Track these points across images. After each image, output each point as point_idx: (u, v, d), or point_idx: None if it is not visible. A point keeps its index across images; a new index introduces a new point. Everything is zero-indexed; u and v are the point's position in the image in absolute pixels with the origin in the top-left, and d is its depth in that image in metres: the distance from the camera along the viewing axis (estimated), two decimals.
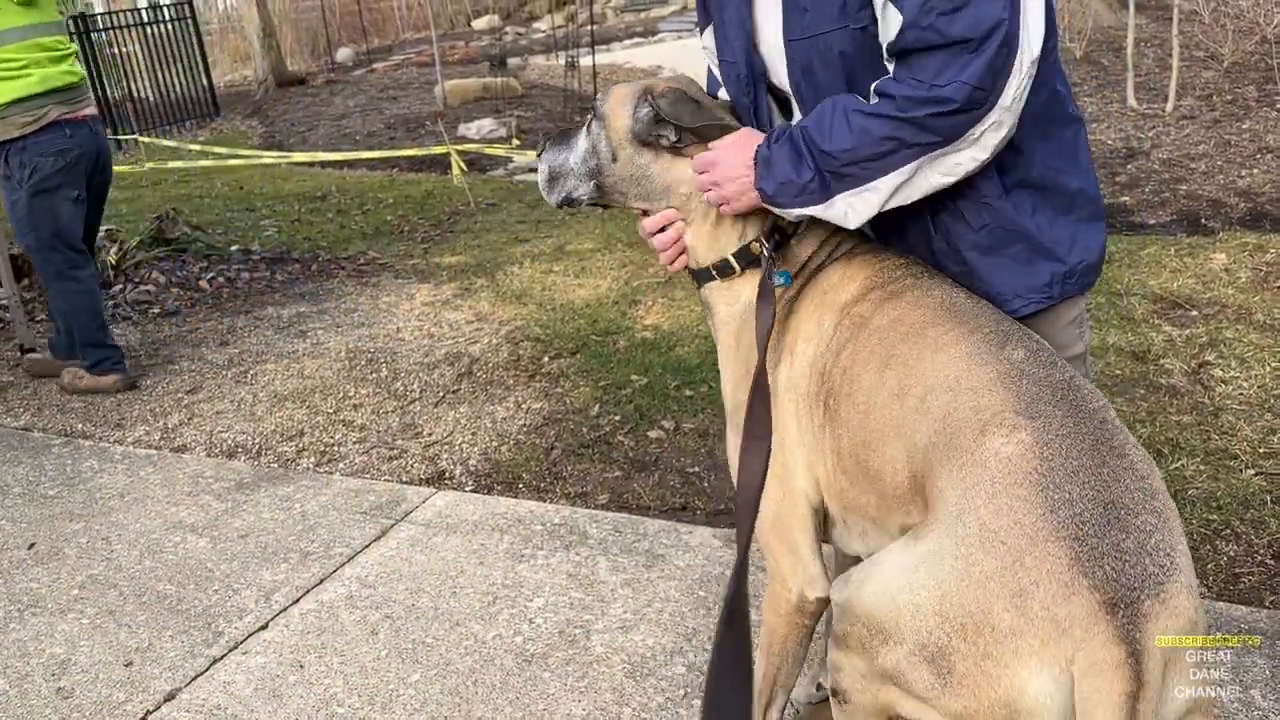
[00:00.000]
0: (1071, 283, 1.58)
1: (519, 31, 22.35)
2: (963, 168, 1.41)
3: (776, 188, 1.51)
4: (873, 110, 1.40)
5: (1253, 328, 3.78)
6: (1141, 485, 1.22)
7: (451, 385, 4.08)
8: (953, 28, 1.32)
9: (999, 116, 1.37)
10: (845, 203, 1.47)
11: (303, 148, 10.76)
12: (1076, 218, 1.57)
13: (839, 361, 1.54)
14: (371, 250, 6.32)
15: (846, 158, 1.43)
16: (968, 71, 1.32)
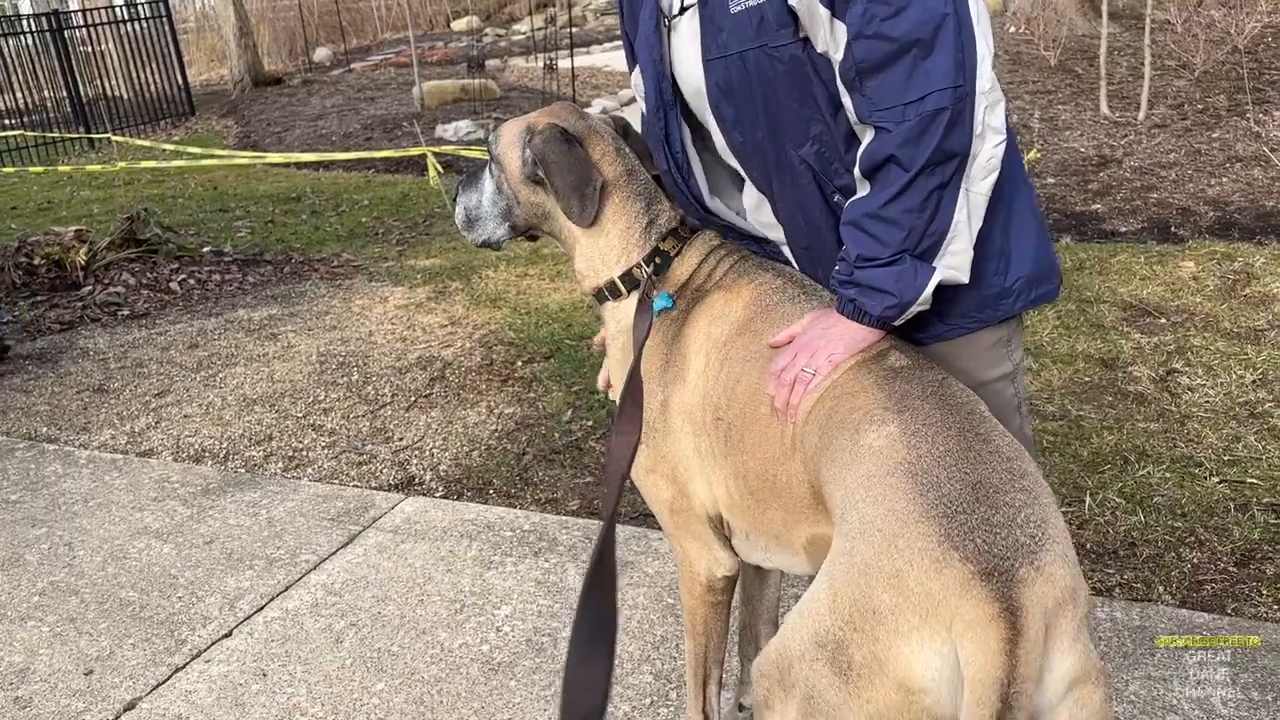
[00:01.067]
0: (1007, 304, 1.55)
1: (498, 33, 22.30)
2: (996, 158, 1.39)
3: (885, 300, 1.42)
4: (894, 190, 1.36)
5: (1220, 335, 3.82)
6: (1008, 466, 1.26)
7: (423, 389, 4.06)
8: (897, 29, 1.30)
9: (986, 100, 1.35)
10: (946, 264, 1.42)
11: (278, 148, 10.69)
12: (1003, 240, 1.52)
13: (735, 397, 1.58)
14: (345, 252, 6.28)
15: (917, 237, 1.38)
16: (938, 74, 1.30)
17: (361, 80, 16.00)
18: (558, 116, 1.79)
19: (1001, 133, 1.38)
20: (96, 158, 11.28)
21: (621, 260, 1.74)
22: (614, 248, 1.75)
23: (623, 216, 1.75)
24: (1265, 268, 4.40)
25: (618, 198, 1.75)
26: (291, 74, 17.34)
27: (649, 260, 1.72)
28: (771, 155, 1.53)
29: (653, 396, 1.69)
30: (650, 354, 1.70)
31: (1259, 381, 3.42)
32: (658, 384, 1.70)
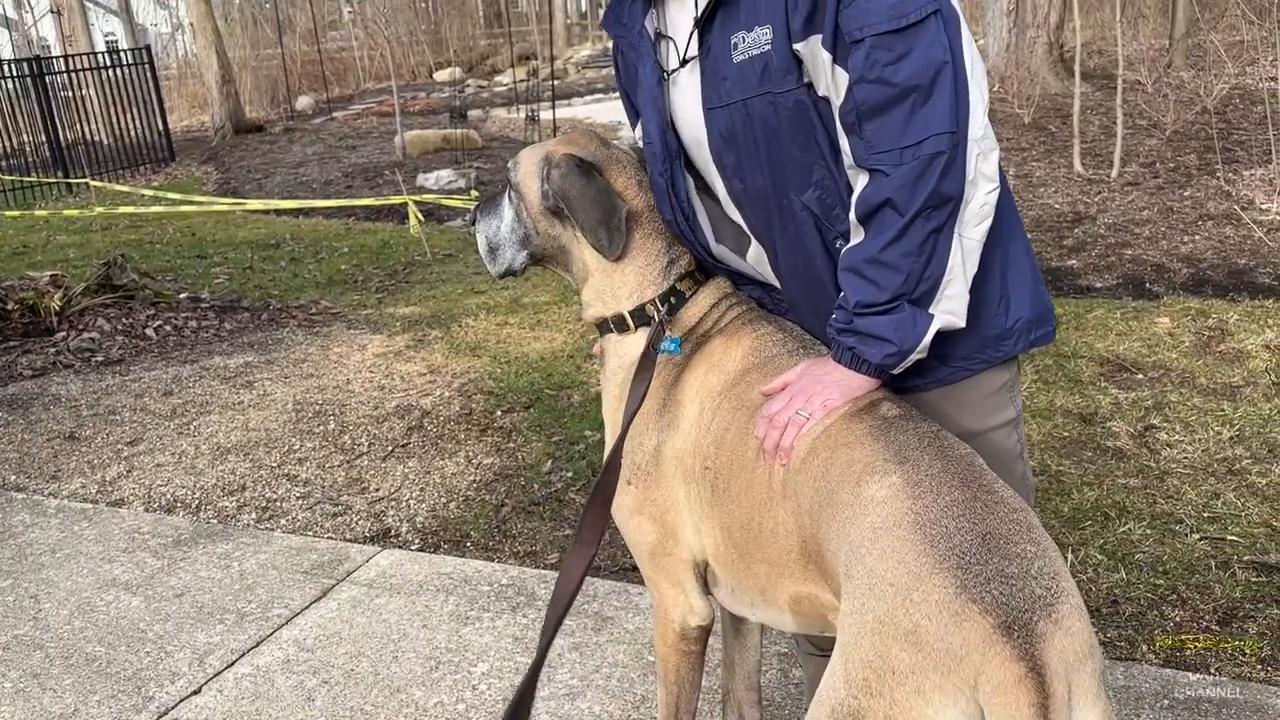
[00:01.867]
0: (1008, 345, 1.56)
1: (481, 85, 22.52)
2: (989, 205, 1.41)
3: (885, 348, 1.42)
4: (891, 234, 1.37)
5: (1196, 391, 3.84)
6: (1015, 517, 1.24)
7: (401, 439, 4.02)
8: (899, 75, 1.33)
9: (979, 147, 1.37)
10: (943, 310, 1.43)
11: (258, 195, 10.69)
12: (1001, 283, 1.54)
13: (724, 445, 1.58)
14: (324, 300, 6.26)
15: (914, 282, 1.39)
16: (935, 120, 1.33)
17: (343, 129, 16.08)
18: (576, 145, 1.76)
19: (994, 180, 1.40)
20: (74, 202, 11.23)
21: (635, 296, 1.72)
22: (629, 282, 1.72)
23: (643, 252, 1.72)
24: (1239, 324, 4.46)
25: (639, 233, 1.72)
26: (273, 121, 17.42)
27: (664, 299, 1.70)
28: (773, 203, 1.54)
29: (645, 439, 1.68)
30: (648, 397, 1.69)
31: (1236, 438, 3.44)
32: (653, 428, 1.68)
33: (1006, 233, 1.53)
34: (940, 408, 1.56)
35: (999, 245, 1.50)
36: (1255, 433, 3.47)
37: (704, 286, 1.74)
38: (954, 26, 1.36)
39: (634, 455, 1.70)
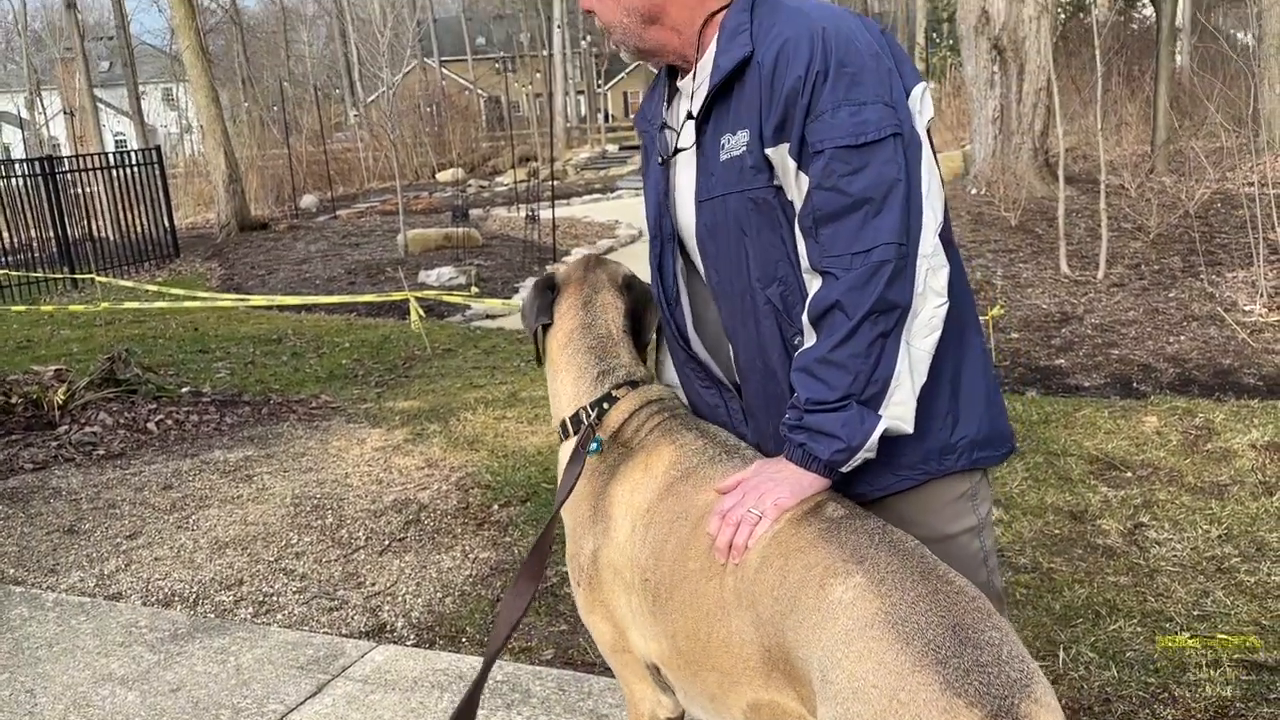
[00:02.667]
0: (951, 460, 1.59)
1: (482, 185, 23.02)
2: (937, 319, 1.48)
3: (834, 444, 1.47)
4: (840, 335, 1.45)
5: (1184, 490, 3.90)
6: (975, 605, 1.29)
7: (398, 533, 4.05)
8: (854, 186, 1.43)
9: (929, 263, 1.46)
10: (890, 414, 1.48)
11: (262, 291, 10.86)
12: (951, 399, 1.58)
13: (663, 558, 1.61)
14: (324, 394, 6.33)
15: (862, 383, 1.46)
16: (885, 230, 1.42)
17: (347, 226, 16.39)
18: (564, 267, 2.02)
19: (943, 296, 1.48)
20: (80, 297, 11.40)
21: (571, 403, 1.86)
22: (567, 391, 1.88)
23: (573, 365, 1.88)
24: (1225, 424, 4.53)
25: (571, 347, 1.89)
26: (278, 219, 17.76)
27: (595, 405, 1.81)
28: (741, 295, 1.63)
29: (584, 543, 1.76)
30: (580, 500, 1.78)
31: (1224, 537, 3.48)
32: (588, 533, 1.76)
33: (961, 351, 1.59)
34: (896, 512, 1.60)
35: (951, 361, 1.57)
36: (1243, 531, 3.51)
37: (633, 391, 1.81)
38: (915, 151, 1.47)
39: (577, 558, 1.78)
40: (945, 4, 35.74)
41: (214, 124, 16.37)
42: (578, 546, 1.78)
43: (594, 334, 1.89)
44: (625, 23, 1.64)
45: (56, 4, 29.33)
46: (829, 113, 1.45)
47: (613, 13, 1.65)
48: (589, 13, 1.71)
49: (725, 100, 1.58)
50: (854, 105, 1.45)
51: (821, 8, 1.54)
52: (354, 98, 38.16)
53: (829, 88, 1.45)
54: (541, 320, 1.92)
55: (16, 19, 40.53)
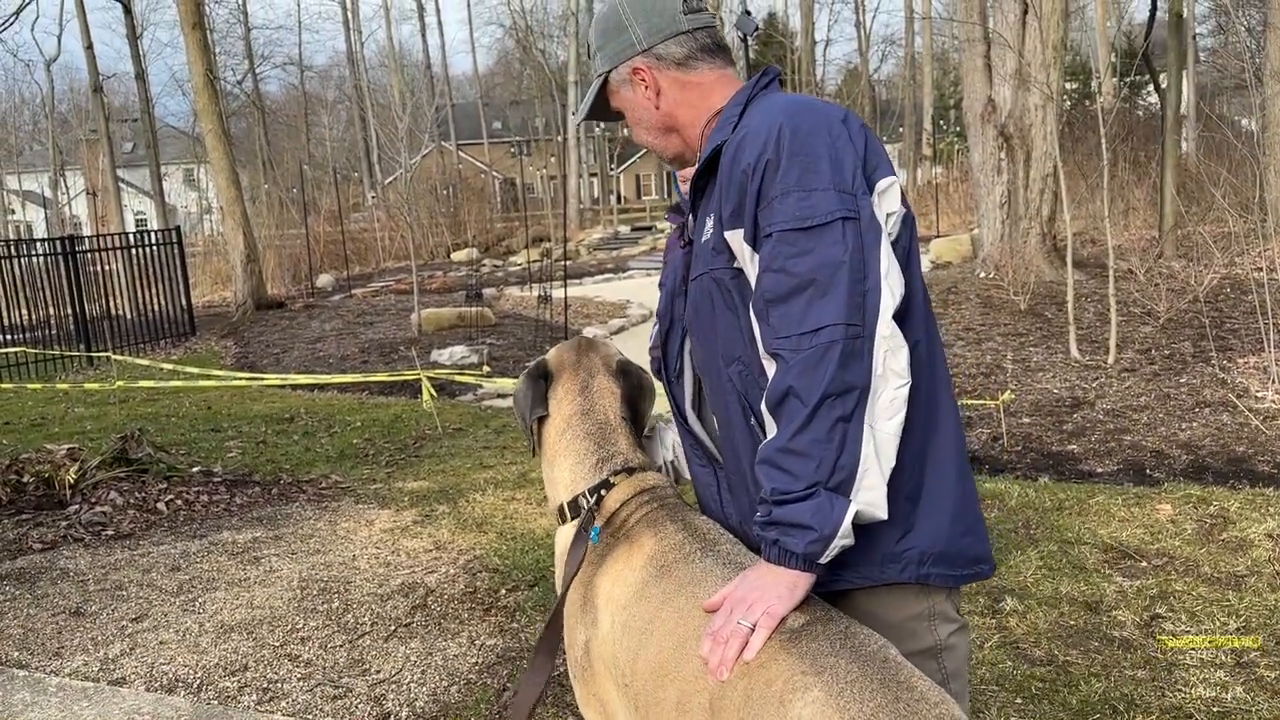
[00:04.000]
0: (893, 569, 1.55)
1: (495, 264, 23.30)
2: (898, 400, 1.47)
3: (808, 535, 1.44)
4: (799, 423, 1.43)
5: (1201, 581, 3.85)
6: (937, 713, 1.26)
7: (404, 618, 4.01)
8: (799, 267, 1.46)
9: (886, 344, 1.45)
10: (861, 499, 1.45)
11: (276, 369, 10.94)
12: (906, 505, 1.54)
13: (637, 669, 1.58)
14: (334, 474, 6.33)
15: (827, 469, 1.43)
16: (831, 311, 1.43)
17: (361, 305, 16.57)
18: (555, 351, 2.03)
19: (904, 377, 1.46)
20: (95, 375, 11.49)
21: (569, 489, 1.88)
22: (564, 479, 1.90)
23: (571, 451, 1.89)
24: (1240, 513, 4.49)
25: (569, 434, 1.91)
26: (294, 298, 17.97)
27: (594, 491, 1.83)
28: (716, 373, 1.66)
29: (577, 633, 1.75)
30: (573, 590, 1.78)
31: (1243, 629, 3.42)
32: (579, 624, 1.75)
33: (924, 456, 1.56)
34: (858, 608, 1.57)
35: (911, 465, 1.54)
36: (1262, 624, 3.45)
37: (629, 478, 1.83)
38: (871, 235, 1.48)
39: (573, 649, 1.78)
40: (952, 92, 36.48)
41: (233, 205, 16.68)
42: (572, 637, 1.78)
43: (592, 420, 1.91)
44: (651, 139, 1.81)
45: (83, 87, 30.18)
46: (778, 199, 1.49)
47: (641, 135, 1.83)
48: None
49: (710, 185, 1.67)
50: (803, 191, 1.48)
51: (798, 102, 1.60)
52: (372, 179, 38.89)
53: (780, 175, 1.50)
54: (538, 413, 1.94)
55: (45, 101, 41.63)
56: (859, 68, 40.75)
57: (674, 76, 1.74)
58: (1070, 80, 26.43)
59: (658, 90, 1.75)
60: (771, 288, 1.48)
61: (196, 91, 16.69)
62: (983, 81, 12.84)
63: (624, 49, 1.75)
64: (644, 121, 1.78)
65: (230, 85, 38.00)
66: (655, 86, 1.74)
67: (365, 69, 46.56)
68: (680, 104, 1.75)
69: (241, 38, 42.89)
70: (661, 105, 1.75)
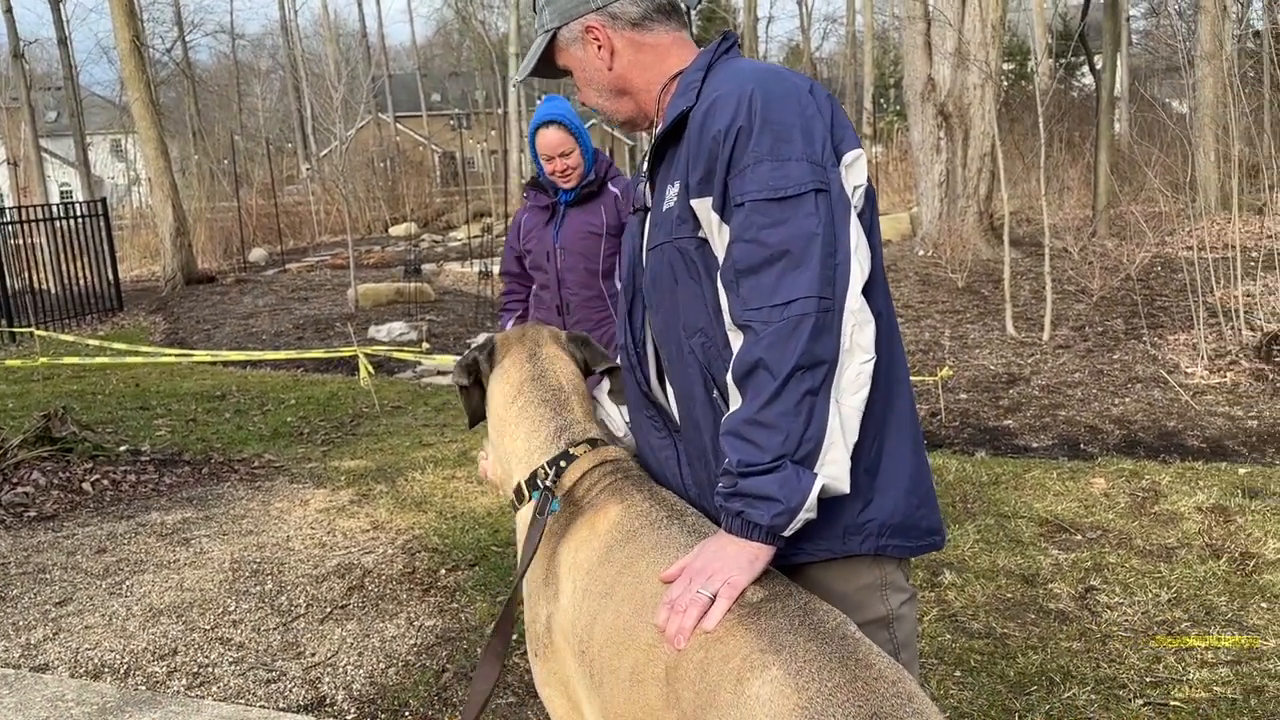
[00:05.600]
0: (855, 541, 1.54)
1: (435, 240, 22.97)
2: (863, 375, 1.45)
3: (773, 507, 1.41)
4: (767, 394, 1.41)
5: (1134, 553, 3.92)
6: (895, 690, 1.26)
7: (340, 600, 3.93)
8: (772, 238, 1.42)
9: (855, 318, 1.43)
10: (827, 472, 1.43)
11: (206, 346, 10.66)
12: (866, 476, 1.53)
13: (593, 634, 1.55)
14: (268, 453, 6.19)
15: (794, 442, 1.41)
16: (804, 284, 1.40)
17: (296, 280, 16.23)
18: (507, 333, 2.00)
19: (869, 352, 1.45)
20: (17, 351, 11.10)
21: (525, 464, 1.79)
22: (518, 449, 1.81)
23: (525, 419, 1.81)
24: (1171, 486, 4.58)
25: (521, 400, 1.83)
26: (225, 273, 17.55)
27: (553, 463, 1.74)
28: (676, 344, 1.63)
29: (539, 609, 1.70)
30: (535, 565, 1.72)
31: (1174, 600, 3.49)
32: (541, 598, 1.70)
33: (884, 427, 1.55)
34: (812, 583, 1.55)
35: (872, 435, 1.53)
36: (1192, 595, 3.53)
37: (591, 450, 1.75)
38: (842, 209, 1.46)
39: (534, 626, 1.72)
40: (892, 71, 36.77)
41: (162, 176, 16.20)
42: (534, 614, 1.72)
43: (545, 386, 1.83)
44: (601, 102, 1.74)
45: (2, 52, 29.03)
46: (750, 167, 1.46)
47: (590, 96, 1.74)
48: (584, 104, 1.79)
49: (672, 152, 1.62)
50: (777, 161, 1.45)
51: (766, 70, 1.56)
52: (307, 151, 38.09)
53: (752, 143, 1.46)
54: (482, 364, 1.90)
55: None
56: (801, 45, 40.86)
57: (629, 37, 1.68)
58: (1007, 60, 26.78)
59: (612, 50, 1.68)
60: (743, 258, 1.45)
61: (122, 59, 16.13)
62: (923, 60, 12.92)
63: (576, 5, 1.67)
64: (595, 83, 1.72)
65: (159, 53, 36.86)
66: (609, 46, 1.68)
67: (300, 38, 45.48)
68: (635, 66, 1.69)
69: (170, 4, 41.64)
70: (615, 66, 1.69)
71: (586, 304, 3.59)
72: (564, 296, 3.62)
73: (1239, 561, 3.77)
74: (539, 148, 3.52)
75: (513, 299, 3.89)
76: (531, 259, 3.71)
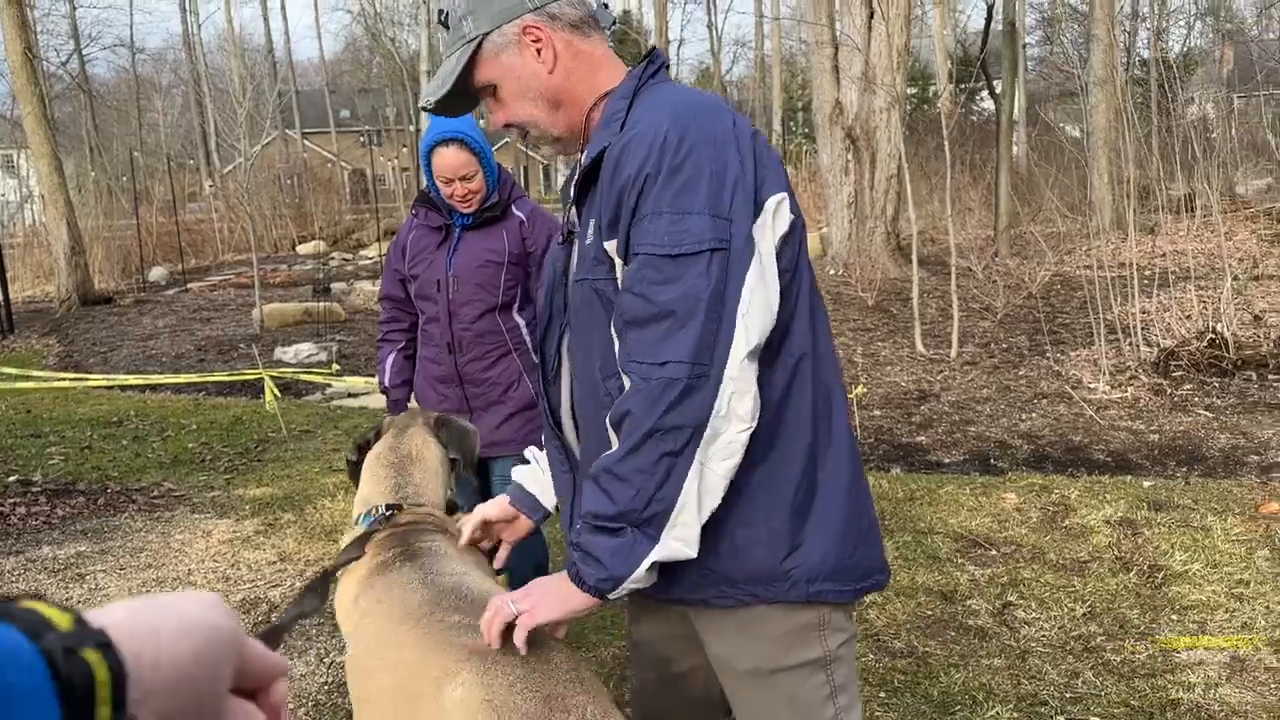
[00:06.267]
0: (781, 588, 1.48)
1: (345, 258, 22.53)
2: (736, 444, 1.39)
3: (599, 571, 1.41)
4: (627, 448, 1.38)
5: (1047, 567, 3.98)
6: (569, 676, 1.48)
7: None
8: (660, 296, 1.38)
9: (734, 386, 1.37)
10: (673, 536, 1.39)
11: (103, 369, 10.22)
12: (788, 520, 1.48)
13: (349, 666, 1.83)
14: (168, 481, 5.93)
15: (644, 499, 1.37)
16: (682, 348, 1.36)
17: (198, 300, 15.74)
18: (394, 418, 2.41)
19: (746, 421, 1.39)
20: None
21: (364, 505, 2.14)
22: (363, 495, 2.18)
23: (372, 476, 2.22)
24: (1080, 500, 4.69)
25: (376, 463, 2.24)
26: (124, 293, 16.92)
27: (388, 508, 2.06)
28: (591, 381, 1.56)
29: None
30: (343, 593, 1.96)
31: (1089, 614, 3.55)
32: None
33: (814, 467, 1.49)
34: (722, 628, 1.52)
35: (801, 478, 1.48)
36: (1106, 609, 3.59)
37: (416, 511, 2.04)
38: (739, 267, 1.39)
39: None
40: (800, 94, 37.44)
41: (56, 193, 15.54)
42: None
43: (396, 454, 2.23)
44: (535, 114, 1.58)
45: None
46: (649, 217, 1.40)
47: (523, 109, 1.58)
48: (506, 126, 1.62)
49: (594, 187, 1.54)
50: (677, 214, 1.39)
51: (687, 105, 1.47)
52: (210, 168, 37.09)
53: (656, 191, 1.40)
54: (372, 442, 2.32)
55: None
56: (711, 69, 41.37)
57: (568, 40, 1.55)
58: (911, 85, 27.50)
59: (555, 53, 1.54)
60: (629, 309, 1.41)
61: (14, 71, 15.45)
62: (830, 84, 13.17)
63: (512, 6, 1.53)
64: (530, 91, 1.56)
65: (54, 66, 35.56)
66: (551, 47, 1.54)
67: (203, 52, 44.36)
68: (572, 74, 1.56)
69: (66, 16, 40.26)
70: (556, 72, 1.55)
71: (481, 341, 3.12)
72: (455, 332, 3.13)
73: (1148, 574, 3.86)
74: (436, 170, 3.03)
75: (394, 329, 3.37)
76: (418, 286, 3.20)
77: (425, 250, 3.20)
